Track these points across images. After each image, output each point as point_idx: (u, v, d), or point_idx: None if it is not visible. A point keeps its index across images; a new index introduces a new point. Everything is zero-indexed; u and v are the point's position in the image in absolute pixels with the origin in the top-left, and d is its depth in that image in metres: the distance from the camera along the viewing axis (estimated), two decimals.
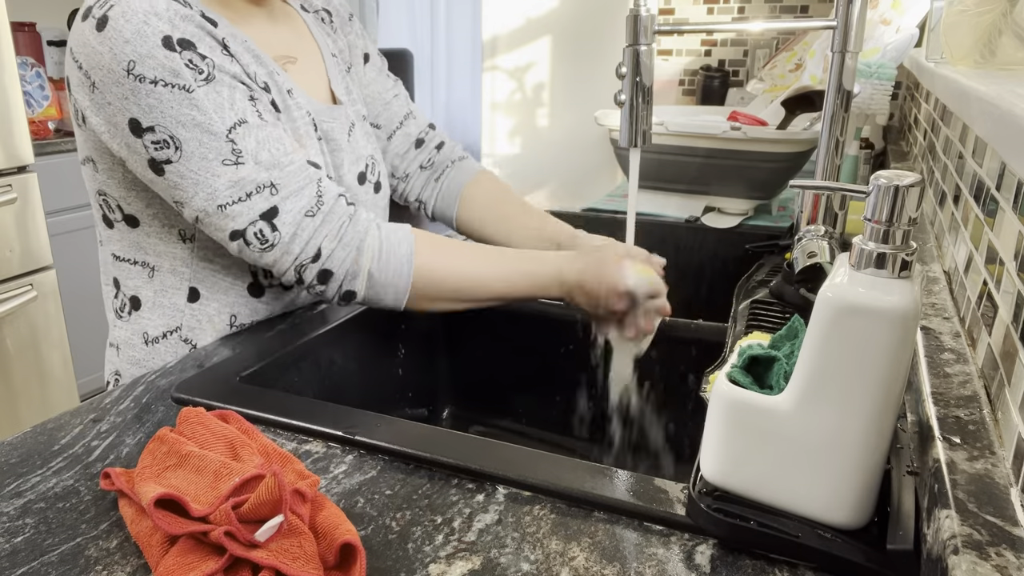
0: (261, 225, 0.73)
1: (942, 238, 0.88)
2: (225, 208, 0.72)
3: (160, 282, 0.83)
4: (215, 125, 0.71)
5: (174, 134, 0.70)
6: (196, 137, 0.70)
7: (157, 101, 0.69)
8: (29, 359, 2.05)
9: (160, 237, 0.81)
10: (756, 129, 1.21)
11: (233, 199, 0.72)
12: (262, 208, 0.73)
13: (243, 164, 0.72)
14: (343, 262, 0.76)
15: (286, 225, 0.74)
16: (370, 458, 0.57)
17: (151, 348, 0.84)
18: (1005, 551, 0.36)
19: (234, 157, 0.72)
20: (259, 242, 0.74)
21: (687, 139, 1.24)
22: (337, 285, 0.76)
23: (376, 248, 0.77)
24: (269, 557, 0.41)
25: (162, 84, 0.69)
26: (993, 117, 0.57)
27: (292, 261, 0.75)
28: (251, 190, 0.72)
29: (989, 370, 0.53)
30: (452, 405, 1.05)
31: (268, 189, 0.73)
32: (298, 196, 0.74)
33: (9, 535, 0.48)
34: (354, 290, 0.77)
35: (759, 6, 2.52)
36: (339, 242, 0.75)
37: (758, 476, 0.46)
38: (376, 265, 0.77)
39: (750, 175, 1.24)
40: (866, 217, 0.43)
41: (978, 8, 0.92)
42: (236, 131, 0.72)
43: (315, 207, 0.75)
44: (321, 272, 0.75)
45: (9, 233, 1.96)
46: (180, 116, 0.70)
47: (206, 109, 0.70)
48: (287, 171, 0.74)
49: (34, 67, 2.31)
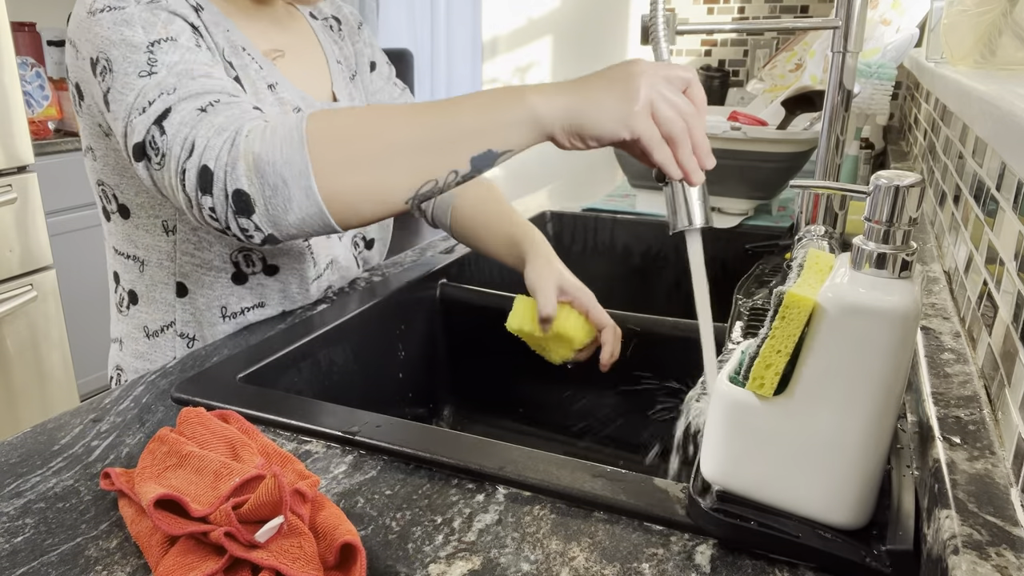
0: (154, 131, 0.63)
1: (942, 238, 0.88)
2: (131, 121, 0.65)
3: (150, 276, 0.83)
4: (138, 37, 0.67)
5: (108, 55, 0.68)
6: (122, 53, 0.67)
7: (99, 27, 0.68)
8: (29, 359, 2.05)
9: (147, 229, 0.81)
10: (756, 129, 1.21)
11: (139, 109, 0.65)
12: (158, 111, 0.64)
13: (156, 74, 0.65)
14: (220, 151, 0.60)
15: (173, 125, 0.63)
16: (370, 458, 0.57)
17: (152, 341, 0.84)
18: (1005, 551, 0.36)
19: (149, 67, 0.66)
20: (154, 154, 0.63)
21: None
22: (222, 187, 0.60)
23: (260, 128, 0.61)
24: (269, 557, 0.41)
25: (106, 10, 0.69)
26: (993, 117, 0.57)
27: (175, 166, 0.62)
28: (154, 97, 0.64)
29: (989, 370, 0.53)
30: (452, 405, 1.05)
31: (167, 93, 0.64)
32: (197, 98, 0.64)
33: (9, 535, 0.48)
34: (240, 187, 0.59)
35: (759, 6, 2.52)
36: (216, 130, 0.61)
37: (758, 476, 0.46)
38: (260, 144, 0.59)
39: (750, 175, 1.24)
40: (866, 217, 0.43)
41: (978, 8, 0.92)
42: (160, 45, 0.67)
43: (209, 105, 0.63)
44: (200, 172, 0.60)
45: (9, 233, 1.96)
46: (112, 35, 0.68)
47: (134, 24, 0.67)
48: (199, 80, 0.65)
49: (34, 67, 2.31)
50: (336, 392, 0.83)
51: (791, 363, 0.43)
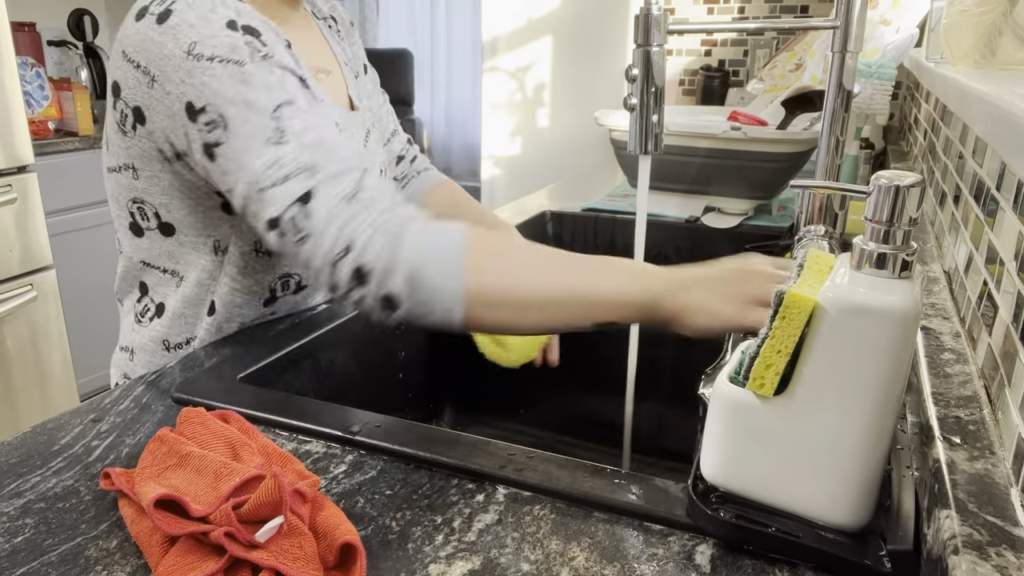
0: (295, 210, 0.65)
1: (942, 238, 0.88)
2: (264, 191, 0.66)
3: (184, 293, 0.82)
4: (262, 101, 0.67)
5: (223, 112, 0.67)
6: (242, 114, 0.67)
7: (211, 77, 0.67)
8: (29, 359, 2.05)
9: (194, 247, 0.80)
10: (756, 129, 1.21)
11: (271, 181, 0.66)
12: (298, 191, 0.65)
13: (285, 143, 0.67)
14: (379, 253, 0.63)
15: (320, 209, 0.64)
16: (370, 458, 0.57)
17: (172, 355, 0.84)
18: (1005, 551, 0.36)
19: (276, 136, 0.67)
20: (294, 231, 0.65)
21: (687, 139, 1.24)
22: (375, 287, 0.63)
23: (419, 238, 0.63)
24: (269, 558, 0.41)
25: (218, 60, 0.67)
26: (993, 117, 0.57)
27: (324, 256, 0.64)
28: (289, 171, 0.66)
29: (989, 370, 0.53)
30: (452, 405, 1.05)
31: (307, 171, 0.66)
32: (338, 180, 0.66)
33: (9, 535, 0.48)
34: (392, 292, 0.63)
35: (759, 6, 2.52)
36: (376, 230, 0.63)
37: (758, 476, 0.46)
38: (418, 256, 0.62)
39: (750, 175, 1.24)
40: (867, 217, 0.43)
41: (978, 8, 0.92)
42: (282, 110, 0.68)
43: (355, 191, 0.66)
44: (355, 270, 0.63)
45: (9, 233, 1.96)
46: (229, 92, 0.67)
47: (255, 85, 0.67)
48: (332, 154, 0.67)
49: (34, 67, 2.31)
50: (336, 392, 0.83)
51: (791, 363, 0.43)
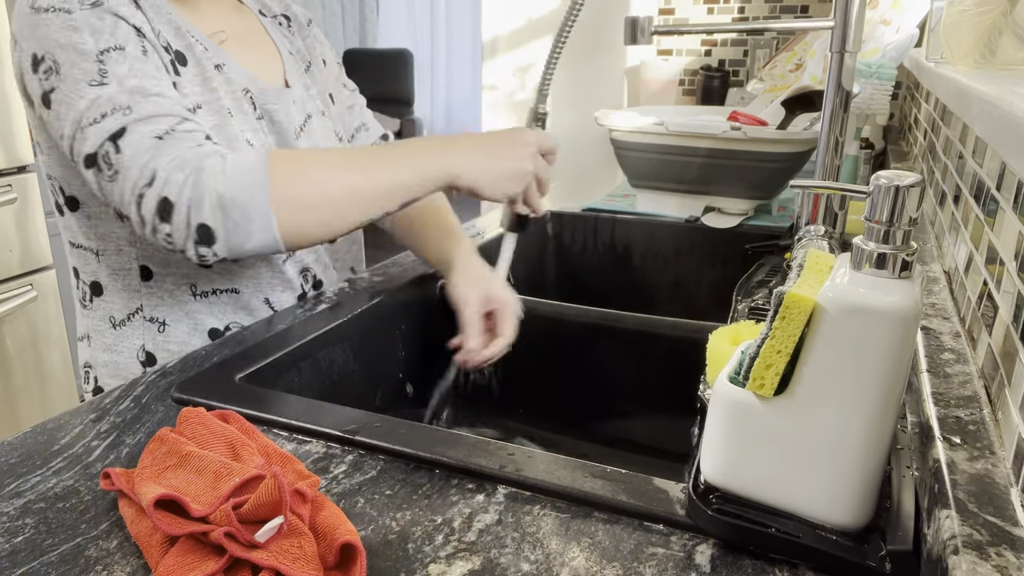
0: (108, 147, 0.68)
1: (942, 238, 0.88)
2: (84, 129, 0.69)
3: (108, 265, 0.82)
4: (87, 45, 0.70)
5: (56, 58, 0.70)
6: (71, 59, 0.69)
7: (46, 27, 0.70)
8: (29, 359, 2.05)
9: (99, 218, 0.81)
10: (756, 129, 1.21)
11: (90, 119, 0.68)
12: (112, 128, 0.68)
13: (107, 85, 0.69)
14: (182, 186, 0.66)
15: (130, 146, 0.67)
16: (370, 458, 0.57)
17: (119, 331, 0.84)
18: (1005, 551, 0.36)
19: (100, 77, 0.69)
20: (107, 167, 0.68)
21: (687, 139, 1.24)
22: (184, 219, 0.66)
23: (220, 166, 0.67)
24: (269, 558, 0.41)
25: (52, 10, 0.70)
26: (993, 117, 0.57)
27: (130, 191, 0.67)
28: (107, 110, 0.68)
29: (989, 370, 0.53)
30: (452, 405, 1.05)
31: (123, 110, 0.68)
32: (153, 121, 0.68)
33: (9, 535, 0.48)
34: (205, 221, 0.66)
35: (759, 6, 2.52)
36: (177, 165, 0.67)
37: (758, 476, 0.46)
38: (223, 183, 0.66)
39: (750, 175, 1.24)
40: (866, 217, 0.43)
41: (978, 8, 0.92)
42: (109, 54, 0.70)
43: (167, 132, 0.68)
44: (160, 203, 0.66)
45: (9, 233, 1.96)
46: (60, 38, 0.70)
47: (82, 30, 0.70)
48: (152, 99, 0.69)
49: None
50: (336, 392, 0.83)
51: (791, 363, 0.43)
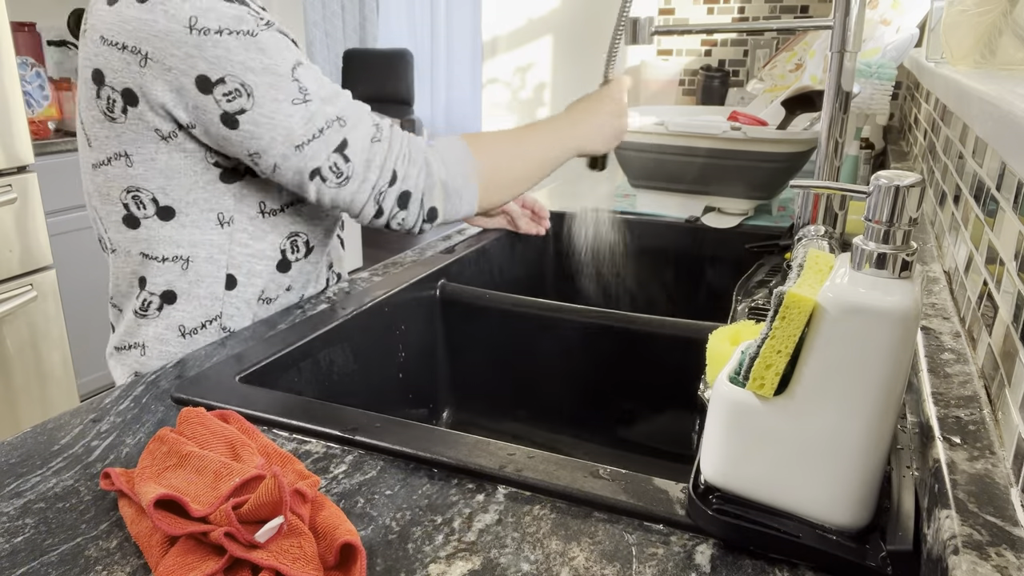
0: (336, 158, 0.76)
1: (942, 238, 0.88)
2: (303, 147, 0.74)
3: (196, 272, 0.82)
4: (280, 67, 0.73)
5: (244, 81, 0.71)
6: (266, 81, 0.72)
7: (225, 50, 0.70)
8: (29, 359, 2.05)
9: (197, 226, 0.81)
10: (756, 129, 1.21)
11: (308, 136, 0.74)
12: (335, 141, 0.76)
13: (311, 101, 0.74)
14: (417, 179, 0.79)
15: (357, 154, 0.77)
16: (370, 458, 0.57)
17: (189, 340, 0.84)
18: (1005, 551, 0.36)
19: (302, 96, 0.74)
20: (335, 176, 0.76)
21: (687, 139, 1.24)
22: (418, 205, 0.80)
23: (439, 158, 0.81)
24: (269, 558, 0.41)
25: (227, 32, 0.70)
26: (993, 117, 0.57)
27: (370, 190, 0.78)
28: (322, 125, 0.75)
29: (989, 370, 0.53)
30: (452, 405, 1.05)
31: (336, 122, 0.76)
32: (360, 126, 0.77)
33: (9, 535, 0.48)
34: (434, 205, 0.81)
35: (759, 6, 2.52)
36: (408, 161, 0.79)
37: (758, 476, 0.46)
38: (445, 172, 0.81)
39: (750, 175, 1.24)
40: (866, 217, 0.43)
41: (978, 8, 0.92)
42: (298, 71, 0.74)
43: (377, 134, 0.78)
44: (401, 195, 0.79)
45: (9, 233, 1.96)
46: (248, 62, 0.71)
47: (270, 52, 0.72)
48: (345, 104, 0.77)
49: (34, 67, 2.31)
50: (336, 392, 0.83)
51: (791, 363, 0.43)
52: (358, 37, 6.18)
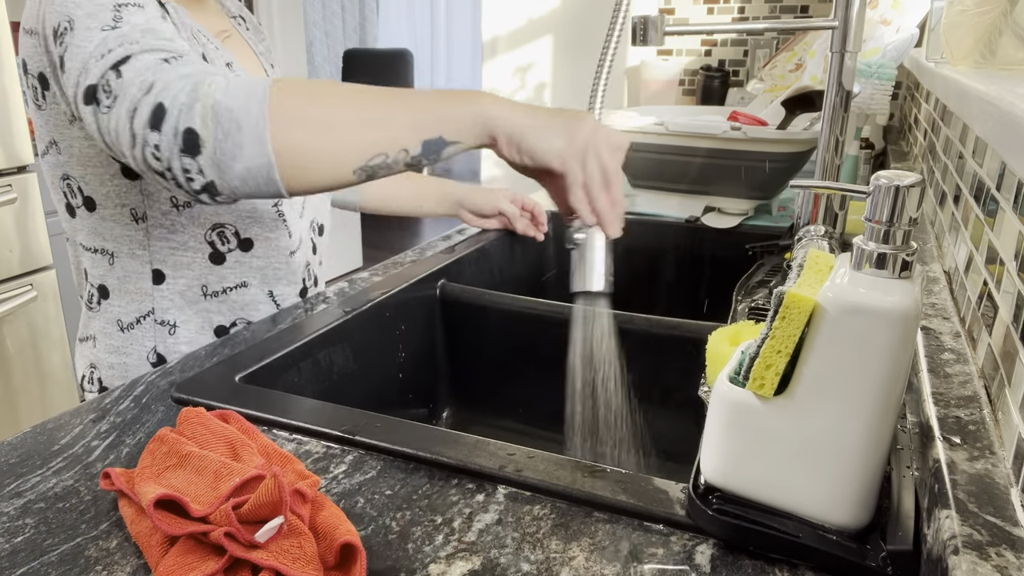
0: (110, 75, 0.63)
1: (942, 238, 0.88)
2: (88, 66, 0.65)
3: (122, 268, 0.83)
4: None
5: (71, 16, 0.68)
6: (86, 11, 0.67)
7: None
8: (29, 359, 2.05)
9: (115, 220, 0.81)
10: (756, 129, 1.21)
11: (97, 55, 0.65)
12: (117, 56, 0.64)
13: (119, 28, 0.66)
14: (178, 92, 0.60)
15: (132, 70, 0.62)
16: (370, 458, 0.57)
17: (128, 334, 0.84)
18: (1005, 551, 0.36)
19: (113, 23, 0.66)
20: (105, 96, 0.63)
21: (687, 139, 1.24)
22: (173, 125, 0.59)
23: (223, 80, 0.62)
24: (269, 558, 0.41)
25: None
26: (993, 117, 0.57)
27: (128, 106, 0.61)
28: (114, 46, 0.65)
29: (989, 370, 0.53)
30: (452, 405, 1.05)
31: (132, 43, 0.64)
32: (161, 52, 0.64)
33: (9, 535, 0.48)
34: (192, 126, 0.59)
35: (759, 6, 2.52)
36: (178, 75, 0.62)
37: (758, 476, 0.46)
38: (221, 93, 0.60)
39: (750, 175, 1.24)
40: (866, 217, 0.43)
41: (978, 8, 0.92)
42: (127, 8, 0.67)
43: (173, 57, 0.64)
44: (154, 109, 0.60)
45: (9, 233, 1.96)
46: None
47: None
48: (163, 41, 0.66)
49: None
50: (336, 392, 0.83)
51: (791, 363, 0.43)
52: (358, 37, 6.18)
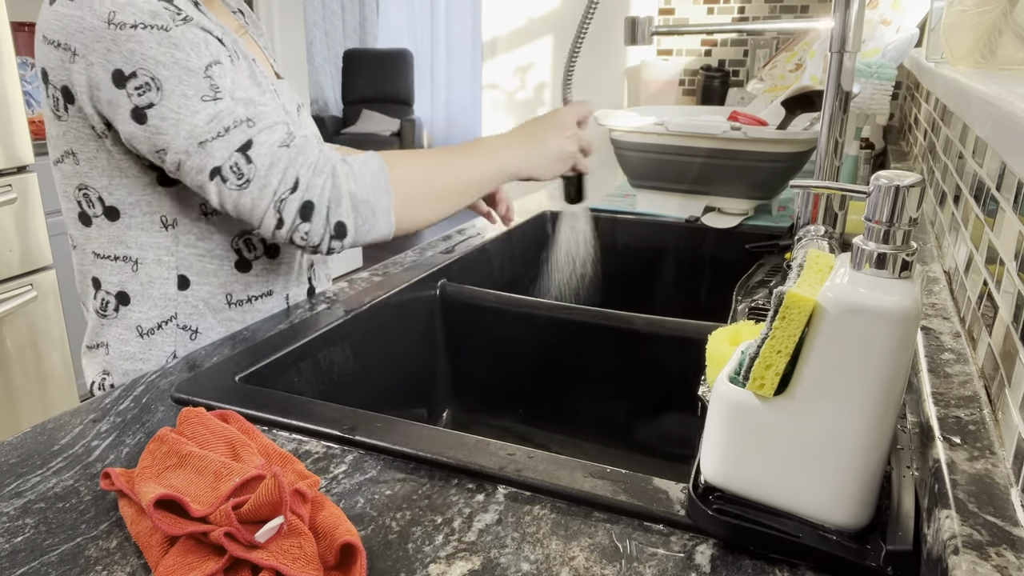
0: (237, 158, 0.72)
1: (942, 238, 0.88)
2: (205, 144, 0.71)
3: (146, 274, 0.83)
4: (193, 62, 0.71)
5: (155, 75, 0.70)
6: (176, 75, 0.71)
7: (138, 44, 0.70)
8: (29, 359, 2.05)
9: (142, 228, 0.81)
10: (756, 129, 1.21)
11: (212, 134, 0.71)
12: (239, 141, 0.72)
13: (221, 99, 0.72)
14: (322, 189, 0.74)
15: (261, 156, 0.72)
16: (370, 458, 0.57)
17: (147, 340, 0.84)
18: (1005, 551, 0.36)
19: (212, 93, 0.72)
20: (235, 177, 0.72)
21: (687, 139, 1.24)
22: (323, 219, 0.74)
23: (349, 170, 0.75)
24: (269, 558, 0.41)
25: (142, 27, 0.70)
26: (993, 117, 0.57)
27: (271, 196, 0.73)
28: (229, 124, 0.72)
29: (989, 370, 0.53)
30: (452, 405, 1.05)
31: (245, 123, 0.72)
32: (272, 130, 0.74)
33: (9, 535, 0.48)
34: (342, 220, 0.75)
35: (759, 6, 2.52)
36: (314, 170, 0.74)
37: (758, 476, 0.46)
38: (355, 185, 0.75)
39: (750, 175, 1.24)
40: (866, 217, 0.43)
41: (978, 8, 0.92)
42: (212, 69, 0.72)
43: (288, 140, 0.74)
44: (303, 206, 0.73)
45: (9, 233, 1.96)
46: (160, 55, 0.70)
47: (184, 47, 0.71)
48: (260, 108, 0.74)
49: (34, 67, 2.31)
50: (336, 392, 0.83)
51: (791, 363, 0.43)
52: (358, 37, 6.18)
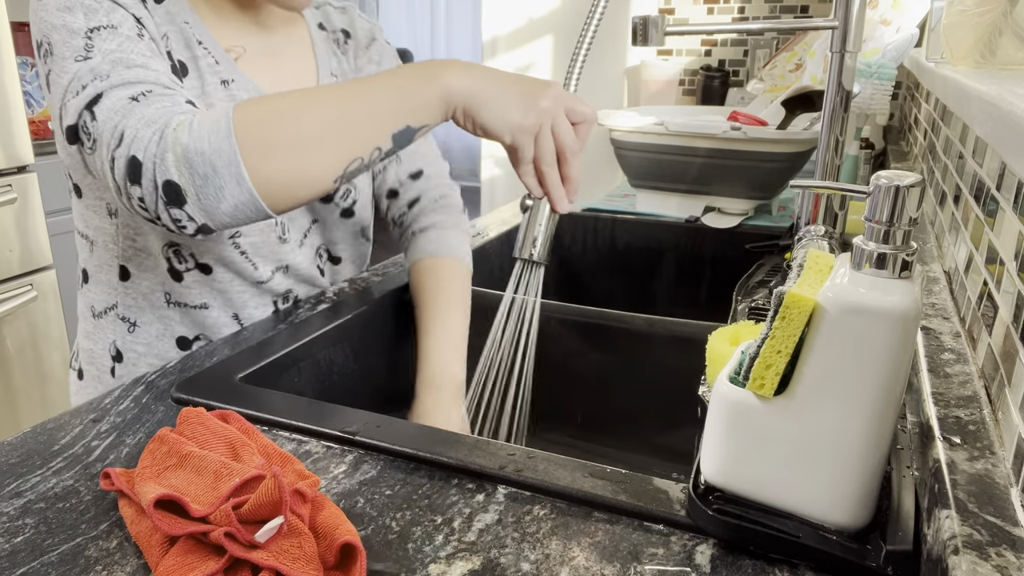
0: (85, 116, 0.63)
1: (942, 238, 0.88)
2: (65, 104, 0.65)
3: (97, 257, 0.84)
4: (78, 23, 0.67)
5: (50, 39, 0.68)
6: (62, 38, 0.67)
7: (44, 11, 0.68)
8: (29, 359, 2.05)
9: (95, 210, 0.82)
10: (756, 129, 1.21)
11: (73, 93, 0.65)
12: (89, 96, 0.64)
13: (91, 59, 0.65)
14: (148, 142, 0.60)
15: (104, 111, 0.63)
16: (370, 458, 0.57)
17: (97, 322, 0.85)
18: (1005, 551, 0.36)
19: (85, 52, 0.66)
20: (87, 138, 0.64)
21: (687, 139, 1.24)
22: (151, 178, 0.60)
23: (188, 119, 0.61)
24: (269, 558, 0.41)
25: None
26: (993, 117, 0.57)
27: (106, 155, 0.62)
28: (87, 81, 0.64)
29: (989, 370, 0.53)
30: None
31: (100, 78, 0.64)
32: (129, 87, 0.64)
33: (9, 535, 0.48)
34: (171, 178, 0.59)
35: (759, 6, 2.52)
36: (146, 122, 0.61)
37: (758, 476, 0.46)
38: (188, 135, 0.59)
39: (750, 175, 1.24)
40: (866, 217, 0.43)
41: (978, 8, 0.92)
42: (99, 32, 0.67)
43: (141, 95, 0.63)
44: (128, 163, 0.60)
45: (9, 233, 1.96)
46: (54, 19, 0.68)
47: (75, 10, 0.67)
48: (134, 69, 0.65)
49: (34, 67, 2.31)
50: (336, 392, 0.83)
51: (791, 363, 0.43)
52: None
